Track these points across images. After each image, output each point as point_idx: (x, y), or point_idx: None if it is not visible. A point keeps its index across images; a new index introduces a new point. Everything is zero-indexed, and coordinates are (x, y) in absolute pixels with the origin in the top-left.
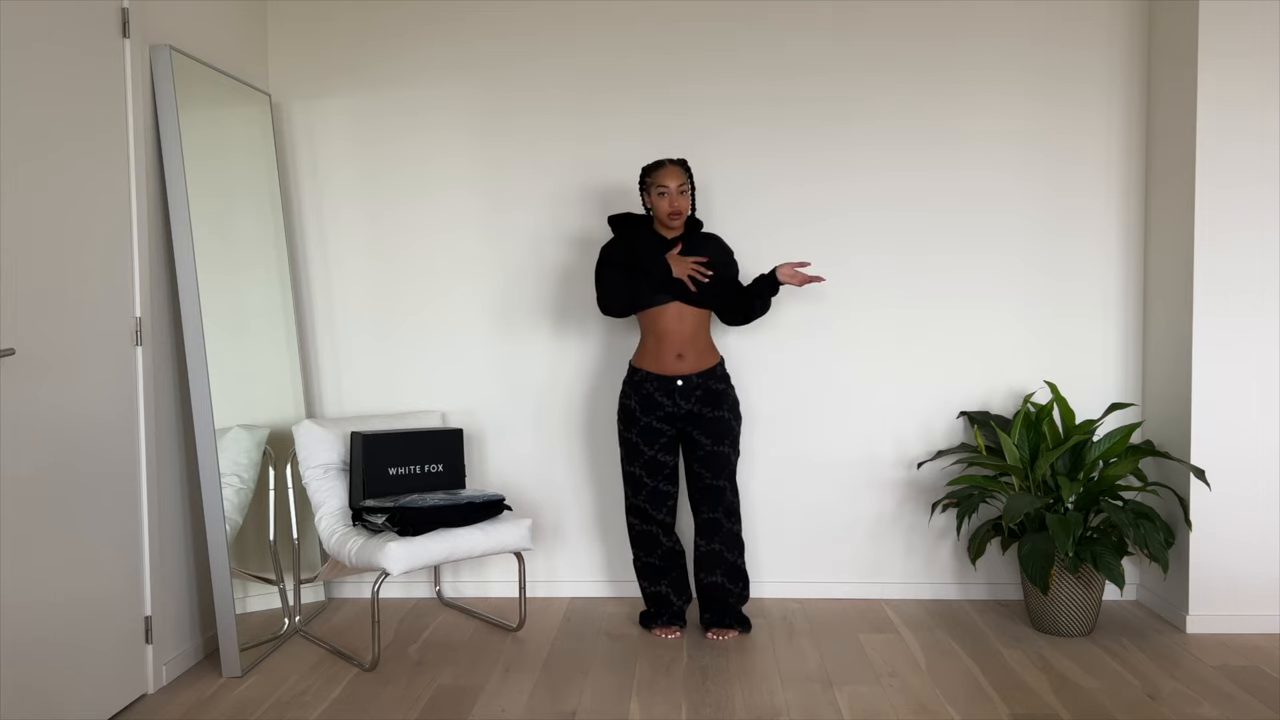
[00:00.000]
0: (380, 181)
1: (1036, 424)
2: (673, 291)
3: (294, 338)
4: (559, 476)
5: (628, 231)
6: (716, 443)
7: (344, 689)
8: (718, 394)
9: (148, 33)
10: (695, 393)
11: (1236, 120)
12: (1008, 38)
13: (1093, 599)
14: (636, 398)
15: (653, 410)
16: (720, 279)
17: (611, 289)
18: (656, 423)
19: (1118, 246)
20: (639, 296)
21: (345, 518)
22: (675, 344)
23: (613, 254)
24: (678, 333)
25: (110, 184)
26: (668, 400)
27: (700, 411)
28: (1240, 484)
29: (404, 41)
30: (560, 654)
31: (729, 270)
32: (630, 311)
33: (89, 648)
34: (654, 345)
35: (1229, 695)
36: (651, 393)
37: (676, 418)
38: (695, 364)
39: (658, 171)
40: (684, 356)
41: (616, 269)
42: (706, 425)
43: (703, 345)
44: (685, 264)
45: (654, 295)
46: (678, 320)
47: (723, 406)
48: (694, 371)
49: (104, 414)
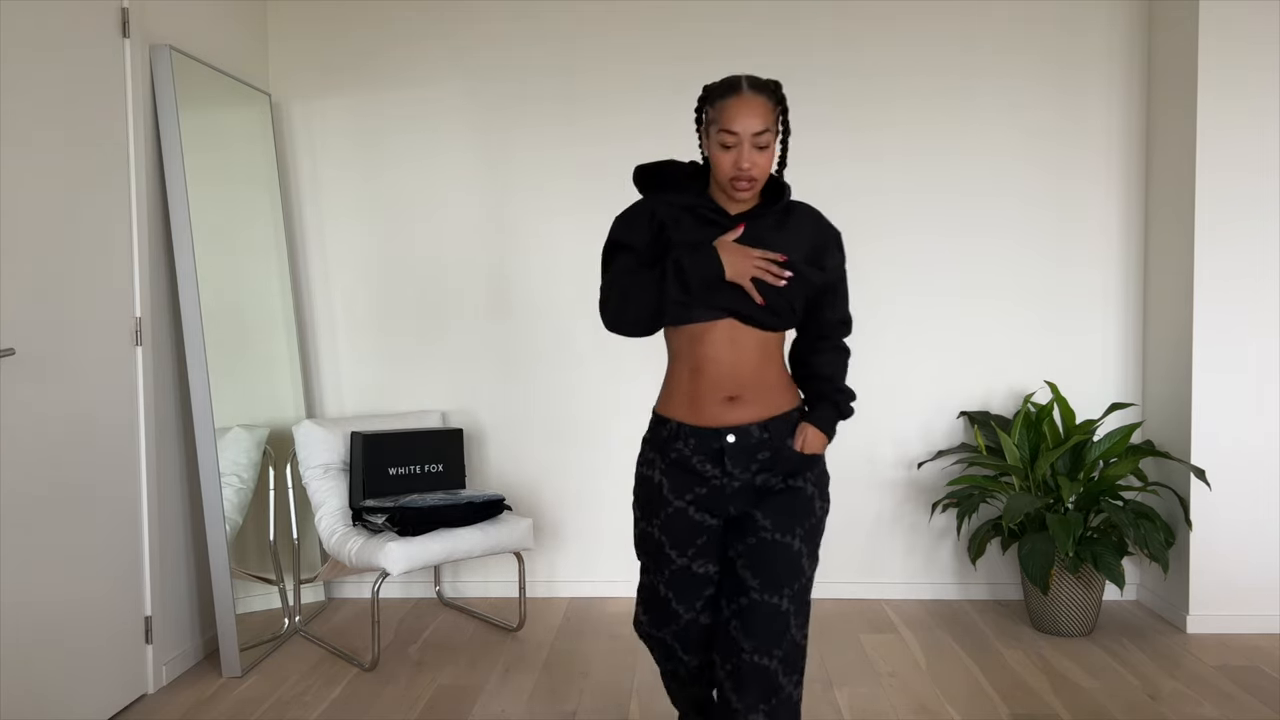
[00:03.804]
0: (380, 181)
1: (1037, 424)
2: (724, 302)
3: (294, 338)
4: (559, 476)
5: (665, 194)
6: (782, 529)
7: (344, 689)
8: (795, 456)
9: (148, 33)
10: (759, 454)
11: (1237, 120)
12: (1007, 36)
13: (1093, 599)
14: (664, 465)
15: (689, 486)
16: (802, 286)
17: (624, 292)
18: (696, 511)
19: (1118, 247)
20: (668, 305)
21: (345, 518)
22: (725, 382)
23: (630, 232)
24: (729, 365)
25: (110, 184)
26: (713, 469)
27: (767, 483)
28: (1240, 484)
29: (404, 41)
30: (560, 654)
31: (825, 274)
32: (655, 328)
33: (89, 648)
34: (690, 382)
35: (1229, 695)
36: (687, 457)
37: (726, 496)
38: (758, 410)
39: (727, 100)
40: (739, 400)
41: (634, 258)
42: (772, 502)
43: (770, 382)
44: (748, 259)
45: (693, 307)
46: (729, 346)
47: (803, 475)
48: (755, 420)
49: (104, 414)
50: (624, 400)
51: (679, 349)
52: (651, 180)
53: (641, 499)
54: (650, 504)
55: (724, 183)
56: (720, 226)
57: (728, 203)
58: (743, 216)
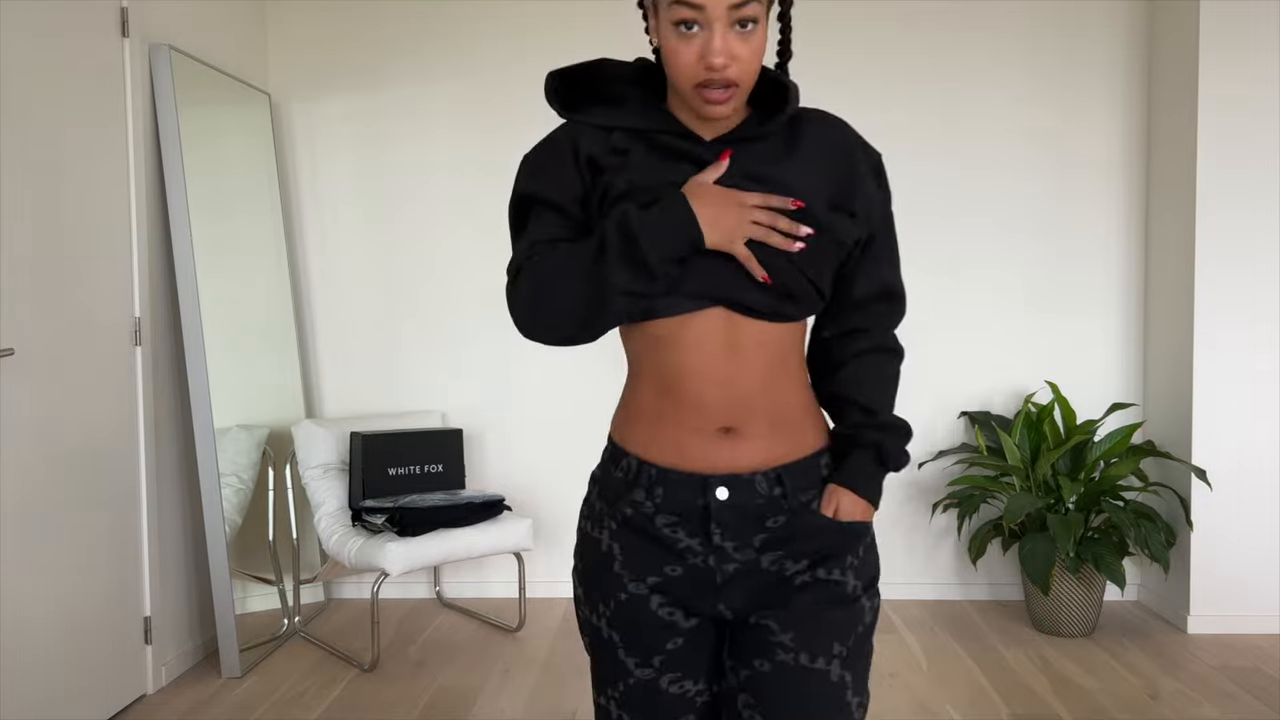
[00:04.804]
0: (380, 181)
1: (1037, 424)
2: (706, 284)
3: (294, 338)
4: (559, 476)
5: (597, 112)
6: (813, 648)
7: (343, 690)
8: (828, 528)
9: (147, 32)
10: (768, 520)
11: (1238, 120)
12: (1007, 35)
13: (1094, 599)
14: (615, 525)
15: (654, 564)
16: (830, 246)
17: (539, 280)
18: (663, 604)
19: (1119, 247)
20: (612, 299)
21: (345, 518)
22: (713, 406)
23: (544, 178)
24: (721, 380)
25: (109, 183)
26: (694, 540)
27: (783, 570)
28: (1241, 484)
29: (404, 41)
30: (560, 654)
31: (857, 221)
32: (595, 333)
33: (88, 648)
34: (658, 407)
35: (1230, 695)
36: (649, 517)
37: (714, 587)
38: (766, 449)
39: None
40: (737, 434)
41: (555, 220)
42: (795, 603)
43: (786, 404)
44: (741, 210)
45: (654, 296)
46: (720, 352)
47: (841, 559)
48: (762, 467)
49: (103, 414)
50: None
51: (640, 356)
52: (578, 93)
53: (582, 569)
54: (593, 580)
55: (685, 91)
56: (690, 160)
57: (697, 122)
58: (726, 140)
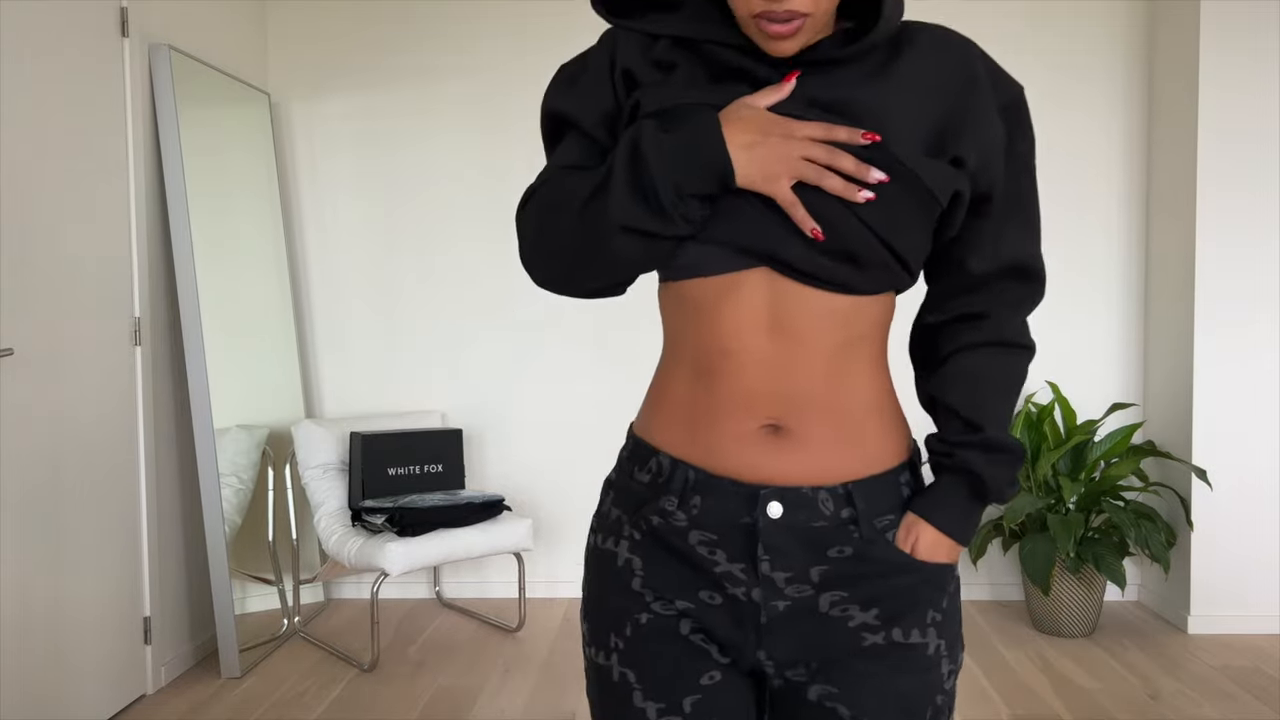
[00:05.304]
0: (380, 181)
1: (1038, 424)
2: (745, 234)
3: (294, 338)
4: (559, 476)
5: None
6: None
7: (343, 690)
8: (907, 566)
9: (147, 32)
10: (830, 548)
11: (1238, 120)
12: (1007, 35)
13: (1094, 599)
14: (638, 534)
15: (685, 585)
16: (916, 198)
17: (545, 206)
18: (694, 626)
19: (1119, 246)
20: (611, 237)
21: (344, 518)
22: (759, 395)
23: (575, 94)
24: (767, 362)
25: (109, 183)
26: (734, 564)
27: (845, 616)
28: (1242, 484)
29: (404, 41)
30: (560, 654)
31: (972, 170)
32: (604, 280)
33: (88, 648)
34: (693, 393)
35: (1230, 696)
36: (683, 530)
37: (755, 627)
38: (829, 458)
39: None
40: (789, 435)
41: (582, 145)
42: (862, 671)
43: (856, 402)
44: (787, 137)
45: (671, 238)
46: (767, 325)
47: (917, 616)
48: (825, 481)
49: (103, 414)
50: (626, 399)
51: (675, 331)
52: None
53: (587, 596)
54: (604, 605)
55: (743, 19)
56: (747, 80)
57: (768, 44)
58: (797, 61)
